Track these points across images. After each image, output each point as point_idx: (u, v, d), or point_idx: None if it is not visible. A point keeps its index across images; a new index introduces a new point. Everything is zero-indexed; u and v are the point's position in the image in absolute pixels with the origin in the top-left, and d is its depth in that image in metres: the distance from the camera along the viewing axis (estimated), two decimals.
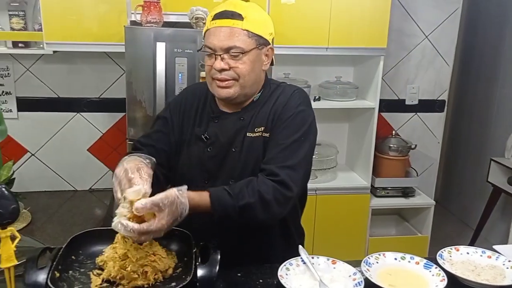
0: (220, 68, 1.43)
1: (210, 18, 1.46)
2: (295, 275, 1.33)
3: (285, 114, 1.48)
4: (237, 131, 1.51)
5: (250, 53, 1.44)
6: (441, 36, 3.32)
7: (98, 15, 2.54)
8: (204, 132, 1.53)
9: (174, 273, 1.23)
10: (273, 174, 1.39)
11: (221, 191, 1.34)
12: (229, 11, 1.43)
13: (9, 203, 1.07)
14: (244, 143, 1.49)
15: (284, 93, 1.54)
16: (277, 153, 1.44)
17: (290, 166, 1.42)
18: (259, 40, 1.46)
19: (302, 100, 1.52)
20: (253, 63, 1.46)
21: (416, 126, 3.48)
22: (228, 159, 1.51)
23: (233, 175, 1.50)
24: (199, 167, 1.53)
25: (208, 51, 1.45)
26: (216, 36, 1.42)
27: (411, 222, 3.38)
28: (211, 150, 1.52)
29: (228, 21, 1.42)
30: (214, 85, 1.47)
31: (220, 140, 1.51)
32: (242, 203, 1.33)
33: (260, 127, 1.50)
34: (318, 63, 3.20)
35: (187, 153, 1.56)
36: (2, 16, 2.74)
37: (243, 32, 1.42)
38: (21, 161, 3.01)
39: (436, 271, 1.37)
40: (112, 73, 2.98)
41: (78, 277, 1.19)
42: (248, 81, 1.47)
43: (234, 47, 1.41)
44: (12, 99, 2.91)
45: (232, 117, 1.53)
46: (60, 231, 2.37)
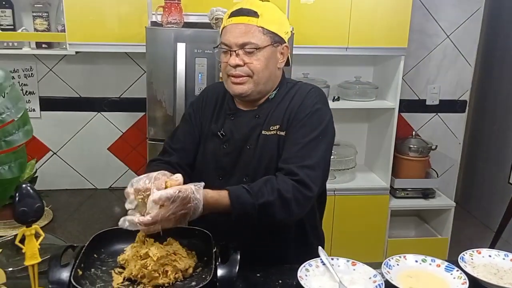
0: (235, 64, 1.45)
1: (226, 17, 1.49)
2: (315, 276, 1.33)
3: (302, 113, 1.48)
4: (252, 128, 1.52)
5: (265, 50, 1.46)
6: (463, 35, 3.27)
7: (120, 16, 2.57)
8: (220, 129, 1.56)
9: (194, 272, 1.24)
10: (292, 174, 1.39)
11: (240, 189, 1.34)
12: (245, 9, 1.46)
13: (33, 202, 1.09)
14: (259, 141, 1.51)
15: (300, 91, 1.54)
16: (294, 152, 1.44)
17: (309, 165, 1.42)
18: (274, 37, 1.47)
19: (319, 99, 1.52)
20: (268, 60, 1.47)
21: (437, 126, 3.43)
22: (243, 156, 1.52)
23: (247, 172, 1.51)
24: (214, 163, 1.55)
25: (224, 48, 1.47)
26: (232, 33, 1.45)
27: (431, 224, 3.34)
28: (226, 146, 1.54)
29: (244, 18, 1.45)
30: (229, 81, 1.49)
31: (235, 137, 1.53)
32: (261, 201, 1.33)
33: (276, 125, 1.51)
34: (337, 63, 3.18)
35: (203, 149, 1.58)
36: (26, 18, 2.79)
37: (258, 29, 1.44)
38: (43, 159, 3.07)
39: (458, 274, 1.35)
40: (132, 73, 3.01)
41: (100, 275, 1.21)
42: (262, 77, 1.48)
43: (248, 43, 1.44)
44: (35, 99, 2.97)
45: (247, 114, 1.55)
46: (81, 229, 2.40)
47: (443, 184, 3.39)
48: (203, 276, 1.21)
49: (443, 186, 3.35)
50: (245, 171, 1.52)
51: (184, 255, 1.24)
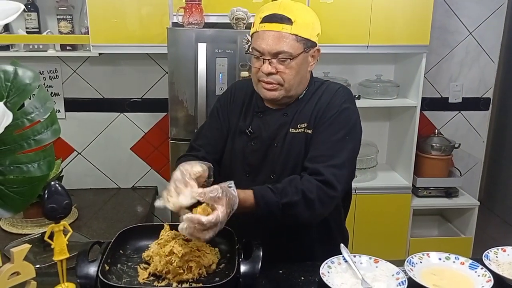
0: (268, 72, 1.44)
1: (258, 20, 1.45)
2: (337, 273, 1.33)
3: (329, 112, 1.48)
4: (280, 126, 1.52)
5: (298, 58, 1.44)
6: (485, 32, 3.22)
7: (141, 18, 2.61)
8: (248, 126, 1.56)
9: (218, 268, 1.26)
10: (317, 173, 1.39)
11: (265, 189, 1.35)
12: (278, 15, 1.42)
13: (62, 199, 1.13)
14: (286, 139, 1.51)
15: (328, 90, 1.54)
16: (321, 151, 1.44)
17: (335, 165, 1.41)
18: (307, 43, 1.46)
19: (347, 98, 1.52)
20: (299, 67, 1.47)
21: (460, 124, 3.39)
22: (270, 153, 1.53)
23: (274, 170, 1.52)
24: (241, 160, 1.56)
25: (256, 54, 1.46)
26: (265, 40, 1.42)
27: (454, 223, 3.30)
28: (254, 144, 1.54)
29: (277, 26, 1.41)
30: (260, 86, 1.49)
31: (263, 135, 1.53)
32: (285, 201, 1.33)
33: (303, 123, 1.50)
34: (358, 61, 3.17)
35: (231, 146, 1.59)
36: (51, 21, 2.85)
37: (291, 37, 1.42)
38: (68, 159, 3.13)
39: (482, 272, 1.34)
40: (154, 74, 3.05)
41: (126, 271, 1.24)
42: (293, 85, 1.48)
43: (282, 52, 1.42)
44: (60, 100, 3.03)
45: (276, 113, 1.55)
46: (105, 227, 2.44)
47: (467, 183, 3.34)
48: (226, 272, 1.22)
49: (466, 185, 3.31)
50: (272, 168, 1.52)
51: (207, 252, 1.25)
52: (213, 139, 1.60)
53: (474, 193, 3.40)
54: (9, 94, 1.08)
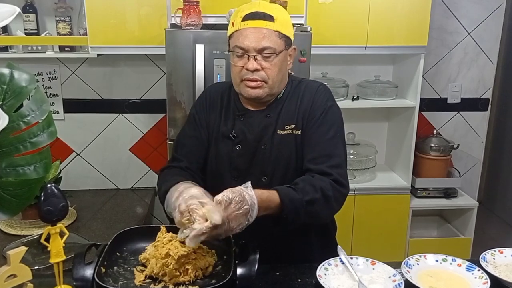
0: (254, 69, 1.45)
1: (239, 19, 1.47)
2: (334, 275, 1.34)
3: (317, 112, 1.51)
4: (264, 128, 1.53)
5: (280, 54, 1.47)
6: (484, 32, 3.22)
7: (140, 19, 2.60)
8: (231, 131, 1.55)
9: (214, 270, 1.26)
10: (325, 174, 1.42)
11: (286, 188, 1.35)
12: (260, 12, 1.45)
13: (58, 201, 1.13)
14: (274, 141, 1.52)
15: (309, 89, 1.56)
16: (318, 152, 1.47)
17: (337, 165, 1.46)
18: (287, 41, 1.49)
19: (329, 95, 1.56)
20: (282, 64, 1.49)
21: (459, 125, 3.39)
22: (258, 156, 1.53)
23: (265, 172, 1.52)
24: (228, 165, 1.56)
25: (239, 52, 1.46)
26: (248, 37, 1.44)
27: (454, 223, 3.30)
28: (239, 148, 1.54)
29: (261, 22, 1.44)
30: (243, 85, 1.49)
31: (247, 138, 1.53)
32: (308, 198, 1.34)
33: (290, 124, 1.52)
34: (356, 62, 3.17)
35: (215, 151, 1.58)
36: (50, 22, 2.85)
37: (274, 33, 1.45)
38: (67, 160, 3.13)
39: (479, 274, 1.33)
40: (152, 75, 3.05)
41: (123, 273, 1.23)
42: (276, 82, 1.50)
43: (267, 48, 1.44)
44: (59, 101, 3.03)
45: (257, 114, 1.55)
46: (104, 228, 2.44)
47: (466, 184, 3.34)
48: (223, 274, 1.22)
49: (465, 186, 3.31)
50: (263, 171, 1.53)
51: (204, 254, 1.25)
52: (194, 147, 1.59)
53: (473, 193, 3.40)
54: (5, 97, 1.08)
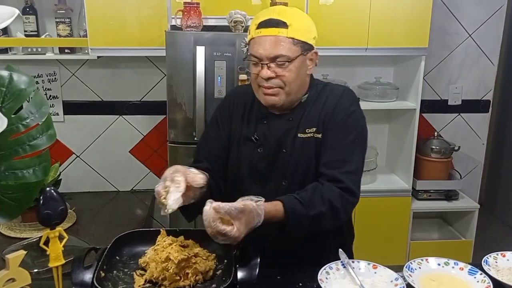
0: (267, 77, 1.44)
1: (254, 27, 1.46)
2: (335, 279, 1.33)
3: (338, 116, 1.49)
4: (286, 132, 1.52)
5: (296, 60, 1.45)
6: (485, 34, 3.21)
7: (140, 21, 2.60)
8: (253, 133, 1.55)
9: (215, 275, 1.25)
10: (336, 180, 1.41)
11: (293, 200, 1.35)
12: (274, 20, 1.43)
13: (57, 205, 1.12)
14: (295, 144, 1.50)
15: (333, 93, 1.54)
16: (334, 156, 1.45)
17: (351, 171, 1.44)
18: (304, 46, 1.46)
19: (353, 100, 1.53)
20: (299, 70, 1.47)
21: (460, 127, 3.38)
22: (279, 160, 1.52)
23: (285, 176, 1.51)
24: (249, 168, 1.55)
25: (254, 60, 1.46)
26: (262, 45, 1.43)
27: (455, 226, 3.29)
28: (261, 151, 1.53)
29: (273, 30, 1.42)
30: (261, 92, 1.49)
31: (269, 141, 1.53)
32: (314, 213, 1.34)
33: (312, 127, 1.51)
34: (357, 63, 3.17)
35: (237, 154, 1.58)
36: (50, 24, 2.85)
37: (288, 40, 1.43)
38: (67, 162, 3.12)
39: (481, 278, 1.33)
40: (153, 77, 3.04)
41: (122, 277, 1.23)
42: (294, 88, 1.48)
43: (280, 56, 1.42)
44: (59, 103, 3.02)
45: (280, 118, 1.54)
46: (103, 231, 2.43)
47: (467, 186, 3.33)
48: (223, 278, 1.21)
49: (466, 188, 3.30)
50: (283, 175, 1.52)
51: (204, 258, 1.25)
52: (215, 149, 1.59)
53: (474, 195, 3.39)
54: (4, 100, 1.08)
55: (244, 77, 2.44)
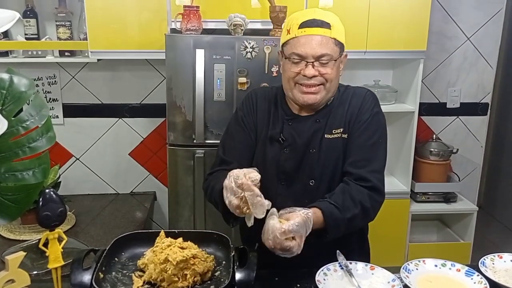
0: (312, 75, 1.47)
1: (296, 26, 1.49)
2: (333, 280, 1.33)
3: (363, 116, 1.53)
4: (314, 133, 1.55)
5: (337, 61, 1.50)
6: (483, 37, 3.23)
7: (140, 24, 2.61)
8: (280, 134, 1.57)
9: (213, 276, 1.26)
10: (364, 180, 1.45)
11: (330, 206, 1.38)
12: (318, 20, 1.48)
13: (57, 206, 1.13)
14: (322, 145, 1.54)
15: (357, 95, 1.59)
16: (360, 155, 1.50)
17: (377, 170, 1.49)
18: (342, 48, 1.53)
19: (375, 102, 1.59)
20: (338, 69, 1.53)
21: (458, 130, 3.39)
22: (306, 160, 1.55)
23: (313, 176, 1.54)
24: (275, 168, 1.57)
25: (296, 59, 1.49)
26: (307, 44, 1.46)
27: (453, 228, 3.29)
28: (287, 151, 1.56)
29: (319, 30, 1.47)
30: (297, 91, 1.52)
31: (296, 142, 1.55)
32: (349, 216, 1.39)
33: (338, 128, 1.54)
34: (356, 66, 3.18)
35: (262, 155, 1.60)
36: (50, 27, 2.86)
37: (331, 40, 1.48)
38: (66, 165, 3.13)
39: (478, 279, 1.33)
40: (153, 80, 3.05)
41: (121, 278, 1.23)
42: (333, 86, 1.53)
43: (325, 55, 1.47)
44: (59, 106, 3.03)
45: (307, 119, 1.57)
46: (103, 233, 2.44)
47: (465, 188, 3.33)
48: (222, 279, 1.22)
49: (465, 190, 3.30)
50: (311, 175, 1.54)
51: (203, 259, 1.25)
52: (244, 150, 1.61)
53: (472, 198, 3.40)
54: (5, 102, 1.09)
55: (244, 80, 2.45)
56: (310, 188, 1.53)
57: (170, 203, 2.62)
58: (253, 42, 2.42)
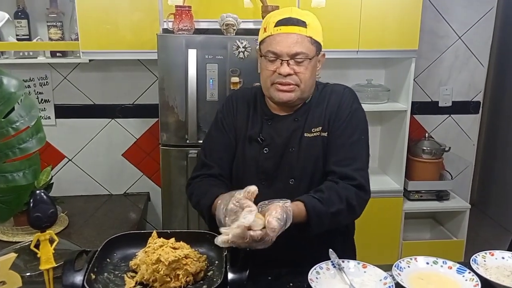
0: (287, 73, 1.47)
1: (272, 24, 1.49)
2: (325, 279, 1.34)
3: (343, 114, 1.53)
4: (293, 132, 1.55)
5: (312, 60, 1.50)
6: (475, 36, 3.24)
7: (132, 24, 2.60)
8: (259, 134, 1.57)
9: (205, 276, 1.26)
10: (349, 178, 1.45)
11: (313, 200, 1.37)
12: (293, 18, 1.48)
13: (47, 208, 1.12)
14: (302, 144, 1.54)
15: (335, 92, 1.59)
16: (343, 154, 1.50)
17: (362, 168, 1.50)
18: (318, 46, 1.52)
19: (354, 98, 1.59)
20: (313, 69, 1.52)
21: (450, 128, 3.41)
22: (286, 159, 1.55)
23: (293, 175, 1.54)
24: (255, 168, 1.57)
25: (272, 57, 1.49)
26: (282, 42, 1.46)
27: (446, 226, 3.31)
28: (267, 151, 1.56)
29: (294, 28, 1.47)
30: (274, 89, 1.51)
31: (276, 142, 1.55)
32: (333, 210, 1.38)
33: (317, 127, 1.54)
34: (348, 66, 3.19)
35: (242, 155, 1.60)
36: (41, 27, 2.85)
37: (307, 39, 1.48)
38: (59, 166, 3.11)
39: (470, 276, 1.34)
40: (145, 80, 3.05)
41: (113, 279, 1.23)
42: (307, 86, 1.52)
43: (300, 53, 1.47)
44: (51, 107, 3.02)
45: (286, 118, 1.57)
46: (96, 234, 2.44)
47: (458, 186, 3.35)
48: (214, 279, 1.22)
49: (458, 188, 3.32)
50: (291, 174, 1.54)
51: (195, 259, 1.25)
52: (224, 152, 1.61)
53: (465, 196, 3.42)
54: None
55: (236, 80, 2.45)
56: (291, 187, 1.53)
57: (164, 203, 2.62)
58: (246, 42, 2.42)
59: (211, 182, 1.54)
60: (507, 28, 3.97)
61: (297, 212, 1.32)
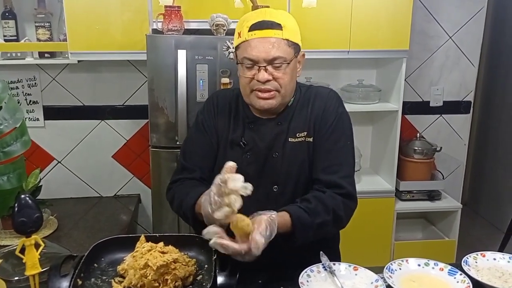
0: (265, 80, 1.41)
1: (245, 29, 1.42)
2: (316, 282, 1.32)
3: (329, 118, 1.49)
4: (276, 136, 1.50)
5: (291, 63, 1.43)
6: (465, 36, 3.25)
7: (121, 25, 2.58)
8: (241, 138, 1.52)
9: (195, 280, 1.24)
10: (337, 186, 1.42)
11: (299, 210, 1.34)
12: (267, 21, 1.40)
13: (32, 212, 1.09)
14: (286, 149, 1.49)
15: (320, 95, 1.54)
16: (330, 160, 1.46)
17: (349, 174, 1.46)
18: (296, 48, 1.46)
19: (339, 102, 1.55)
20: (293, 72, 1.46)
21: (441, 128, 3.41)
22: (269, 165, 1.50)
23: (276, 181, 1.50)
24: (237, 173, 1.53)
25: (248, 63, 1.42)
26: (258, 47, 1.39)
27: (438, 226, 3.31)
28: (249, 156, 1.51)
29: (269, 32, 1.39)
30: (254, 96, 1.45)
31: (258, 146, 1.51)
32: (319, 221, 1.35)
33: (302, 132, 1.50)
34: (339, 66, 3.18)
35: (223, 159, 1.54)
36: (29, 28, 2.81)
37: (283, 42, 1.41)
38: (48, 168, 3.08)
39: (461, 278, 1.33)
40: (135, 81, 3.02)
41: (100, 285, 1.21)
42: (288, 90, 1.47)
43: (278, 58, 1.40)
44: (39, 108, 2.98)
45: (269, 122, 1.52)
46: (86, 237, 2.41)
47: (449, 186, 3.36)
48: (203, 284, 1.20)
49: (449, 188, 3.33)
50: (274, 179, 1.50)
51: (184, 263, 1.23)
52: (205, 155, 1.55)
53: (457, 195, 3.43)
54: None
55: (227, 81, 2.43)
56: (274, 194, 1.48)
57: (154, 205, 2.59)
58: None
59: (194, 183, 1.49)
60: (497, 28, 3.98)
61: (283, 222, 1.29)
